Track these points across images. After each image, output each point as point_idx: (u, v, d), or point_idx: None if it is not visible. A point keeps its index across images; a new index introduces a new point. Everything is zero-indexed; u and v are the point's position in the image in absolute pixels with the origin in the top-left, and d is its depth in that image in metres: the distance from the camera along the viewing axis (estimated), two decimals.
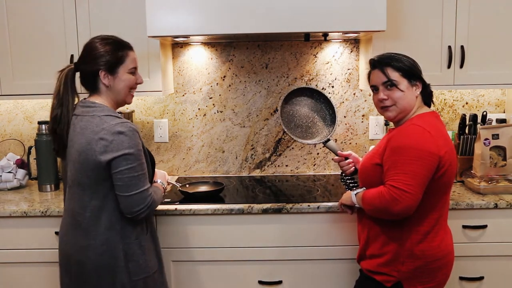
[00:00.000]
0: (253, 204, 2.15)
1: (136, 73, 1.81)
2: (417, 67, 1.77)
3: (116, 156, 1.64)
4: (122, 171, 1.66)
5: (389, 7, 2.15)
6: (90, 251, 1.73)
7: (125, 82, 1.76)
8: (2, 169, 2.52)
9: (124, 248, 1.74)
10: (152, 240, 1.87)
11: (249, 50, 2.67)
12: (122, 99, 1.80)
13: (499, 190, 2.25)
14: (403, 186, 1.61)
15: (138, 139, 1.70)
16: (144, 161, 1.72)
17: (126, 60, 1.75)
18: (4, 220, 2.18)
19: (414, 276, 1.73)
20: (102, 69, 1.72)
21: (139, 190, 1.69)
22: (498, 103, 2.69)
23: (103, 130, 1.65)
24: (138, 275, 1.77)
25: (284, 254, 2.17)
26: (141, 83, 1.84)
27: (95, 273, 1.74)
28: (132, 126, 1.69)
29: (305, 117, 2.24)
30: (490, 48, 2.32)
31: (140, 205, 1.70)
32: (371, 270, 1.80)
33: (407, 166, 1.62)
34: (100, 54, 1.72)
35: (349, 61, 2.66)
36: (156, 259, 1.87)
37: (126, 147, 1.65)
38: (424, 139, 1.64)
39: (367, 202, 1.75)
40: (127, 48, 1.78)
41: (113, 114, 1.72)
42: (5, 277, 2.23)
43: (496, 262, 2.19)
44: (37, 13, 2.33)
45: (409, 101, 1.74)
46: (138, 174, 1.68)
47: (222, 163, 2.76)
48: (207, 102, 2.71)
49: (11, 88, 2.39)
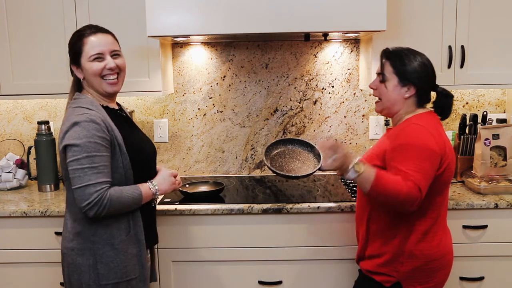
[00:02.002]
0: (253, 204, 2.15)
1: (104, 58, 1.70)
2: (417, 70, 1.72)
3: (64, 146, 1.61)
4: (68, 162, 1.60)
5: (389, 7, 2.15)
6: (64, 243, 1.71)
7: (89, 72, 1.70)
8: (2, 169, 2.52)
9: (93, 247, 1.66)
10: (135, 245, 1.73)
11: (249, 50, 2.66)
12: (99, 89, 1.73)
13: (500, 190, 2.25)
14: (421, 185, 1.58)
15: (95, 131, 1.60)
16: (98, 154, 1.60)
17: (84, 48, 1.69)
18: (4, 220, 2.18)
19: (413, 276, 1.73)
20: (72, 63, 1.74)
21: (82, 184, 1.57)
22: (499, 103, 2.68)
23: (66, 121, 1.66)
24: (107, 279, 1.66)
25: (284, 254, 2.17)
26: (111, 68, 1.71)
27: (66, 268, 1.71)
28: (90, 117, 1.61)
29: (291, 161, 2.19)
30: (490, 48, 2.32)
31: (84, 201, 1.57)
32: (370, 271, 1.80)
33: (419, 164, 1.60)
34: (69, 49, 1.74)
35: (349, 61, 2.66)
36: (138, 266, 1.73)
37: (74, 137, 1.59)
38: (427, 138, 1.64)
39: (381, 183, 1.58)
40: (85, 35, 1.70)
41: (83, 106, 1.67)
42: (5, 277, 2.23)
43: (497, 262, 2.18)
44: (37, 13, 2.33)
45: (392, 101, 1.75)
46: (83, 167, 1.57)
47: (222, 163, 2.75)
48: (207, 102, 2.71)
49: (11, 88, 2.39)
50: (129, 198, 1.67)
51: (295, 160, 2.19)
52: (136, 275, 1.72)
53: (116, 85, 1.76)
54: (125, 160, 1.70)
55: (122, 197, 1.65)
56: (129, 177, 1.72)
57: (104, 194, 1.59)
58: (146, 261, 1.80)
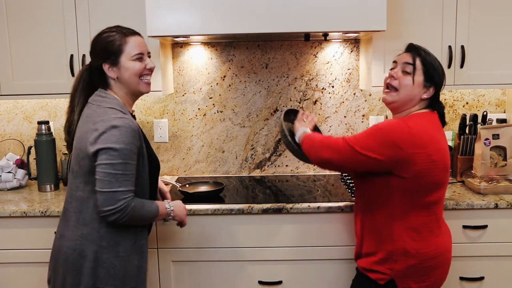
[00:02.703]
0: (253, 204, 2.15)
1: (144, 58, 1.71)
2: (440, 76, 1.76)
3: (100, 148, 1.57)
4: (101, 165, 1.57)
5: (389, 7, 2.15)
6: (65, 241, 1.68)
7: (130, 71, 1.68)
8: (2, 169, 2.52)
9: (98, 250, 1.65)
10: (138, 255, 1.73)
11: (249, 50, 2.66)
12: (134, 89, 1.72)
13: (500, 190, 2.25)
14: (356, 146, 1.67)
15: (133, 138, 1.60)
16: (131, 162, 1.60)
17: (126, 48, 1.67)
18: (4, 220, 2.18)
19: (408, 274, 1.73)
20: (105, 62, 1.68)
21: (112, 189, 1.57)
22: (499, 103, 2.68)
23: (100, 121, 1.61)
24: (106, 284, 1.65)
25: (284, 254, 2.17)
26: (151, 68, 1.74)
27: (63, 267, 1.68)
28: (130, 124, 1.61)
29: None
30: (490, 48, 2.32)
31: (110, 205, 1.57)
32: (366, 268, 1.81)
33: (369, 140, 1.67)
34: (101, 47, 1.69)
35: (349, 61, 2.66)
36: (135, 278, 1.72)
37: (113, 141, 1.57)
38: (397, 131, 1.65)
39: (310, 137, 1.84)
40: (127, 34, 1.69)
41: (117, 108, 1.65)
42: (5, 277, 2.23)
43: (497, 262, 2.18)
44: (37, 13, 2.33)
45: (411, 95, 1.74)
46: (116, 172, 1.57)
47: (222, 163, 2.75)
48: (207, 102, 2.71)
49: (11, 88, 2.38)
50: (148, 212, 1.69)
51: None
52: (133, 285, 1.72)
53: (150, 85, 1.77)
54: (145, 172, 1.71)
55: (143, 210, 1.67)
56: (146, 190, 1.73)
57: (129, 203, 1.60)
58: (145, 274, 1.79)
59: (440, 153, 1.70)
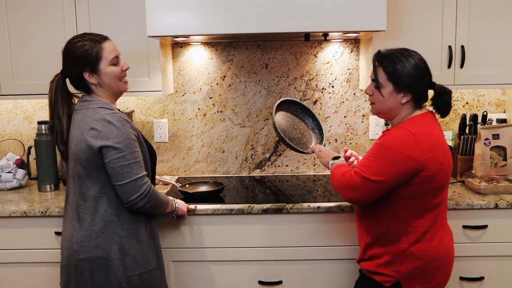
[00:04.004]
0: (253, 204, 2.15)
1: (119, 61, 1.80)
2: (413, 75, 1.68)
3: (105, 145, 1.66)
4: (112, 161, 1.67)
5: (389, 7, 2.15)
6: (85, 242, 1.73)
7: (110, 75, 1.77)
8: (2, 169, 2.52)
9: (121, 241, 1.74)
10: (152, 237, 1.86)
11: (249, 50, 2.66)
12: (116, 90, 1.82)
13: (500, 190, 2.25)
14: (370, 176, 1.65)
15: (129, 129, 1.71)
16: (137, 149, 1.72)
17: (104, 54, 1.75)
18: (4, 220, 2.18)
19: (413, 276, 1.73)
20: (84, 70, 1.75)
21: (132, 178, 1.68)
22: (499, 103, 2.68)
23: (94, 121, 1.69)
24: (134, 270, 1.75)
25: (284, 254, 2.17)
26: (127, 69, 1.83)
27: (89, 266, 1.73)
28: (122, 116, 1.71)
29: (293, 130, 2.26)
30: (490, 48, 2.32)
31: (135, 193, 1.69)
32: (371, 271, 1.80)
33: (380, 163, 1.65)
34: (78, 56, 1.74)
35: (349, 61, 2.66)
36: (155, 256, 1.86)
37: (114, 136, 1.67)
38: (405, 143, 1.64)
39: (332, 174, 1.82)
40: (100, 41, 1.76)
41: (106, 106, 1.75)
42: (5, 277, 2.23)
43: (497, 262, 2.18)
44: (37, 13, 2.33)
45: (389, 106, 1.74)
46: (129, 162, 1.68)
47: (222, 163, 2.75)
48: (207, 102, 2.71)
49: (11, 88, 2.39)
50: (163, 199, 1.87)
51: (296, 129, 2.27)
52: (154, 265, 1.84)
53: (128, 83, 1.87)
54: (146, 156, 1.81)
55: (159, 196, 1.81)
56: (149, 175, 1.83)
57: (151, 186, 1.74)
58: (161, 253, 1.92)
59: (445, 155, 1.70)
